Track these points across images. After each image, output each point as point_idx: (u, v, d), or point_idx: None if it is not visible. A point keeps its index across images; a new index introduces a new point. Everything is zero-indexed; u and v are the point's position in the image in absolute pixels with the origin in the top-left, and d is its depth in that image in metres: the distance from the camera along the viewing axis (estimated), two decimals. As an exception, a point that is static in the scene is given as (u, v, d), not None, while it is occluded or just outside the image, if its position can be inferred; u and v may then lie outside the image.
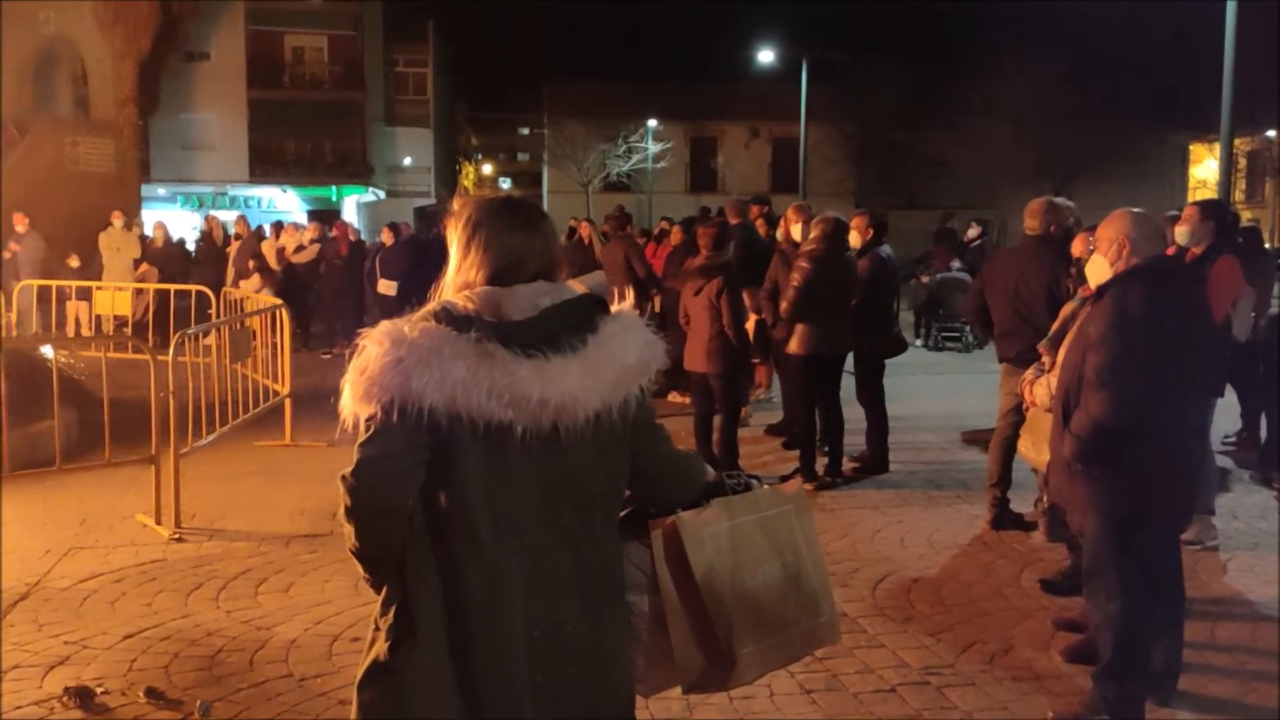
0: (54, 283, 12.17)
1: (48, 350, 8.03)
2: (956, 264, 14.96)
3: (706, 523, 2.32)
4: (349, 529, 2.02)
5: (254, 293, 12.31)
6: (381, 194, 38.33)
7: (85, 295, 12.78)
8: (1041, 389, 4.25)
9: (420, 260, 13.47)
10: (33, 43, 21.68)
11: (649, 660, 2.32)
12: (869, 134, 37.54)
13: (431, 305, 2.07)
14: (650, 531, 2.31)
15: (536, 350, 1.99)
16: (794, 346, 6.90)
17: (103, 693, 3.95)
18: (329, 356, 13.29)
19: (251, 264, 13.85)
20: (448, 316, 2.01)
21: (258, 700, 3.93)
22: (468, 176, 57.10)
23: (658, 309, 9.78)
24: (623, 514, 2.26)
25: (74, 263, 13.95)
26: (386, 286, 13.32)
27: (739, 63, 37.06)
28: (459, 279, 2.13)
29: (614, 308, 2.15)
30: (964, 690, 4.05)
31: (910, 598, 5.05)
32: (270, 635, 4.52)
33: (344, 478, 1.99)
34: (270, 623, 4.66)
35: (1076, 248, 5.70)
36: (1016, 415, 5.66)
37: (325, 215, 28.06)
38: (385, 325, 2.00)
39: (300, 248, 14.67)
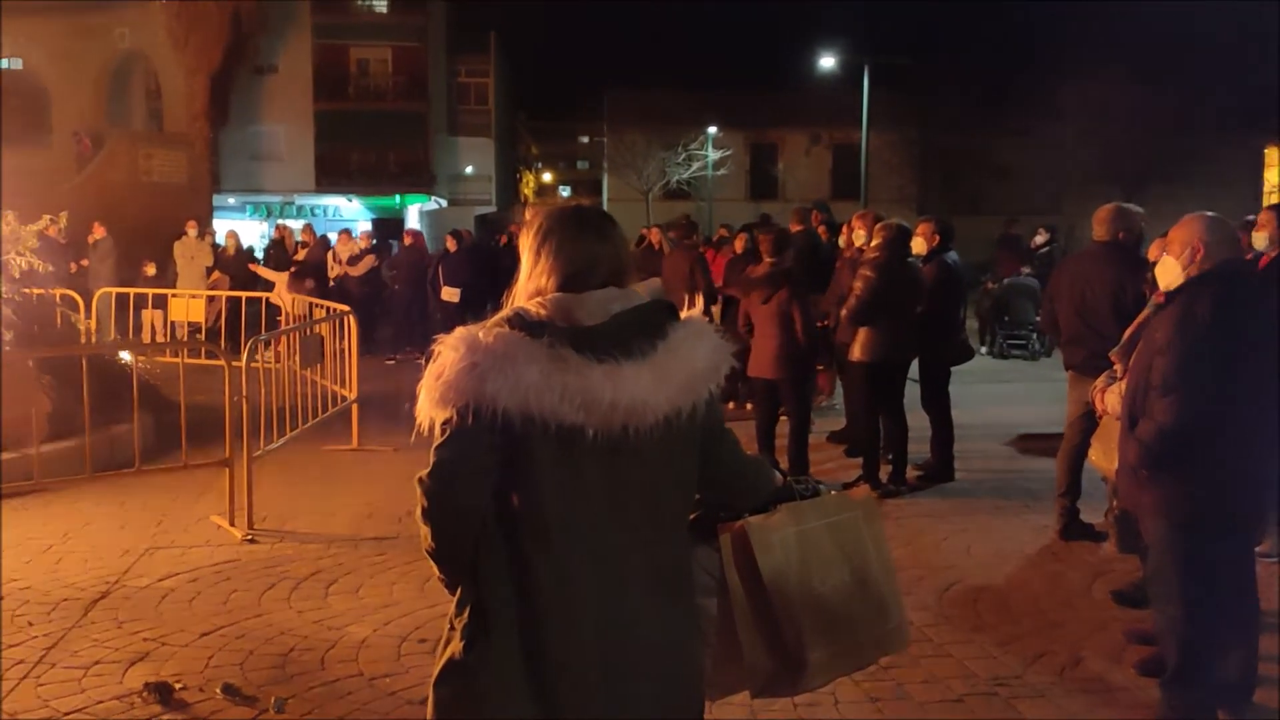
0: (131, 290, 12.53)
1: (126, 355, 8.27)
2: (1026, 270, 14.73)
3: (775, 527, 2.34)
4: (425, 529, 2.07)
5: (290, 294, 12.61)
6: (443, 202, 38.83)
7: (160, 303, 13.13)
8: (1114, 396, 4.19)
9: (482, 267, 13.63)
10: (109, 58, 22.33)
11: (717, 663, 2.34)
12: (932, 139, 37.13)
13: (505, 311, 2.11)
14: (718, 535, 2.33)
15: (608, 355, 2.02)
16: (858, 354, 6.86)
17: (181, 688, 4.05)
18: (393, 362, 13.50)
19: (291, 269, 14.11)
20: (521, 322, 2.04)
21: (329, 698, 4.01)
22: (528, 185, 57.58)
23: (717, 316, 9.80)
24: (691, 518, 2.28)
25: (150, 271, 14.33)
26: (450, 293, 13.49)
27: (799, 69, 36.98)
28: (530, 285, 2.16)
29: (683, 314, 2.18)
30: (1034, 702, 4.00)
31: (977, 607, 4.99)
32: (340, 635, 4.61)
33: (420, 479, 2.04)
34: (340, 623, 4.75)
35: (1153, 253, 5.61)
36: (1085, 423, 5.59)
37: (389, 224, 28.51)
38: (460, 331, 2.04)
39: (354, 257, 14.86)
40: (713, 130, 39.81)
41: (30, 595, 5.07)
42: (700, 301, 2.24)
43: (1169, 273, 3.76)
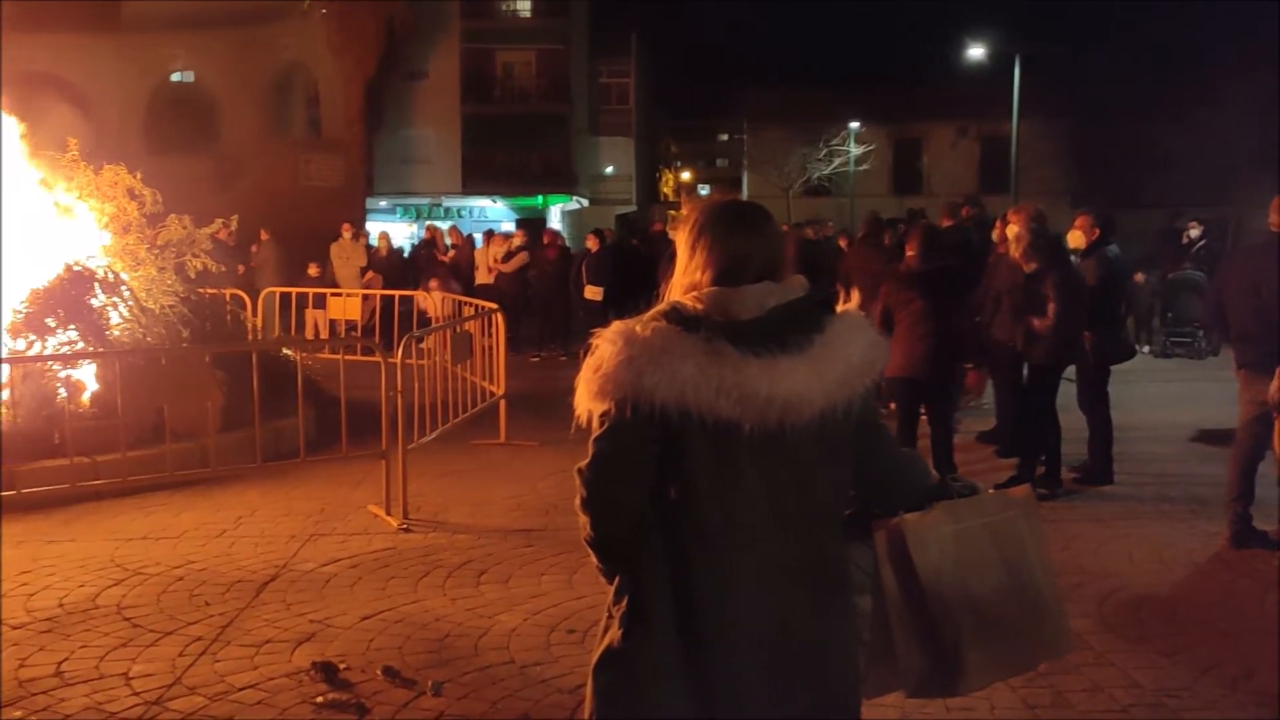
0: (293, 290, 13.17)
1: (289, 352, 8.70)
2: (1188, 265, 14.02)
3: (931, 525, 2.29)
4: (584, 519, 2.11)
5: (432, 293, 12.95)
6: (585, 202, 39.37)
7: (320, 302, 13.72)
8: (1296, 395, 3.96)
9: (624, 266, 13.75)
10: (273, 69, 23.52)
11: (871, 662, 2.31)
12: (1086, 129, 35.57)
13: (661, 306, 2.13)
14: (873, 532, 2.30)
15: (764, 349, 2.02)
16: (1041, 357, 6.65)
17: (345, 669, 4.24)
18: (537, 360, 13.76)
19: (435, 283, 14.43)
20: (677, 316, 2.06)
21: (483, 684, 4.13)
22: (667, 183, 57.82)
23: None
24: (846, 514, 2.26)
25: (313, 271, 14.98)
26: (593, 292, 13.66)
27: (943, 61, 36.01)
28: (686, 280, 2.18)
29: (839, 308, 2.16)
30: (1203, 714, 3.81)
31: (1140, 615, 4.78)
32: (492, 623, 4.74)
33: (580, 470, 2.08)
34: (491, 611, 4.89)
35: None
36: (1258, 425, 5.31)
37: (532, 223, 29.07)
38: (618, 325, 2.07)
39: (508, 254, 15.22)
40: (855, 125, 39.15)
41: (207, 576, 5.40)
42: (856, 296, 2.21)
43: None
